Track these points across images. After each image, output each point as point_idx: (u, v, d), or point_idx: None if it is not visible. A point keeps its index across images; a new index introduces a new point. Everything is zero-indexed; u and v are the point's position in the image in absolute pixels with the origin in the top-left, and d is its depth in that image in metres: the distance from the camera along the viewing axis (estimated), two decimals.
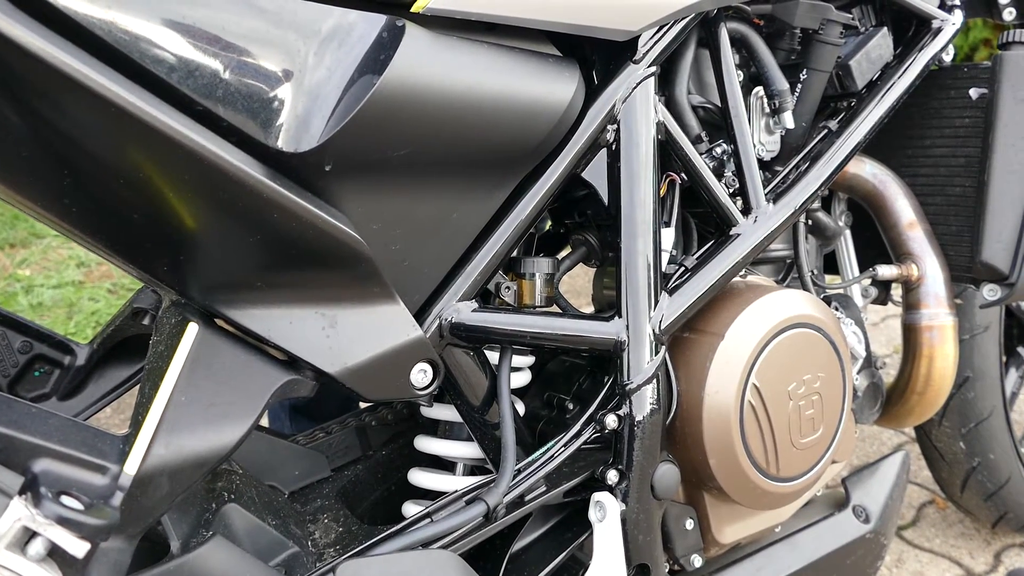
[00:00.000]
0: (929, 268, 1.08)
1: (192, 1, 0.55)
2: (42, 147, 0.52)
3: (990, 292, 1.06)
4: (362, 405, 1.17)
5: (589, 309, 1.07)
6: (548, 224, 1.03)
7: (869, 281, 1.13)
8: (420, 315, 0.74)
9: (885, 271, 1.09)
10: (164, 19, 0.54)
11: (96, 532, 0.45)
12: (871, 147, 1.13)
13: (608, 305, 1.02)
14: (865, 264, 1.14)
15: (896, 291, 1.17)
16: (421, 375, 0.72)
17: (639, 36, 0.78)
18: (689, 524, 0.87)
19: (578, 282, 2.78)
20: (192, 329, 0.58)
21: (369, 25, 0.62)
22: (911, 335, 1.09)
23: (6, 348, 0.84)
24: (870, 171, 1.11)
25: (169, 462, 0.54)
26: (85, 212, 0.56)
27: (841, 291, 1.11)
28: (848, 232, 1.18)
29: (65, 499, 0.46)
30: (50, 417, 0.51)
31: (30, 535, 0.44)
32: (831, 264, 1.21)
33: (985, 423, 1.35)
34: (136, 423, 0.55)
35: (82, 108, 0.50)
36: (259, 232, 0.59)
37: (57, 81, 0.49)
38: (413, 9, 0.64)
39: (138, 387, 0.77)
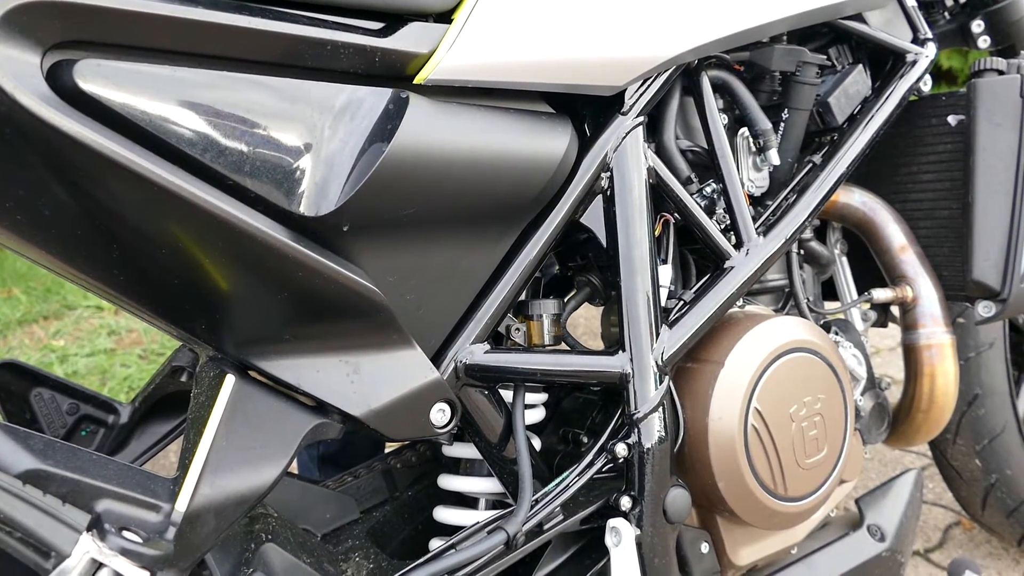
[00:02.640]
0: (923, 289, 1.12)
1: (220, 88, 0.62)
2: (94, 226, 0.59)
3: (985, 309, 1.09)
4: (387, 449, 1.22)
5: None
6: (556, 268, 1.08)
7: (868, 305, 1.17)
8: (436, 358, 0.79)
9: (880, 294, 1.13)
10: (196, 106, 0.61)
11: (154, 562, 0.51)
12: (861, 176, 1.19)
13: (616, 341, 1.07)
14: (864, 289, 1.18)
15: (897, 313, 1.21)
16: (440, 414, 0.77)
17: (625, 90, 0.85)
18: (704, 548, 0.91)
19: (594, 324, 2.82)
20: (229, 381, 0.64)
21: (377, 98, 0.69)
22: (911, 355, 1.13)
23: (55, 410, 0.90)
24: (859, 200, 1.16)
25: (214, 500, 0.60)
26: (132, 281, 0.63)
27: (841, 316, 1.16)
28: (844, 259, 1.23)
29: (126, 534, 0.52)
30: (109, 463, 0.57)
31: (97, 566, 0.50)
32: (833, 290, 1.25)
33: (999, 439, 1.37)
34: (184, 466, 0.61)
35: (129, 190, 0.57)
36: (286, 290, 0.66)
37: (107, 167, 0.56)
38: (416, 81, 0.71)
39: (181, 437, 0.83)
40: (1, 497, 0.48)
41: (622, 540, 0.80)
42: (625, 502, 0.82)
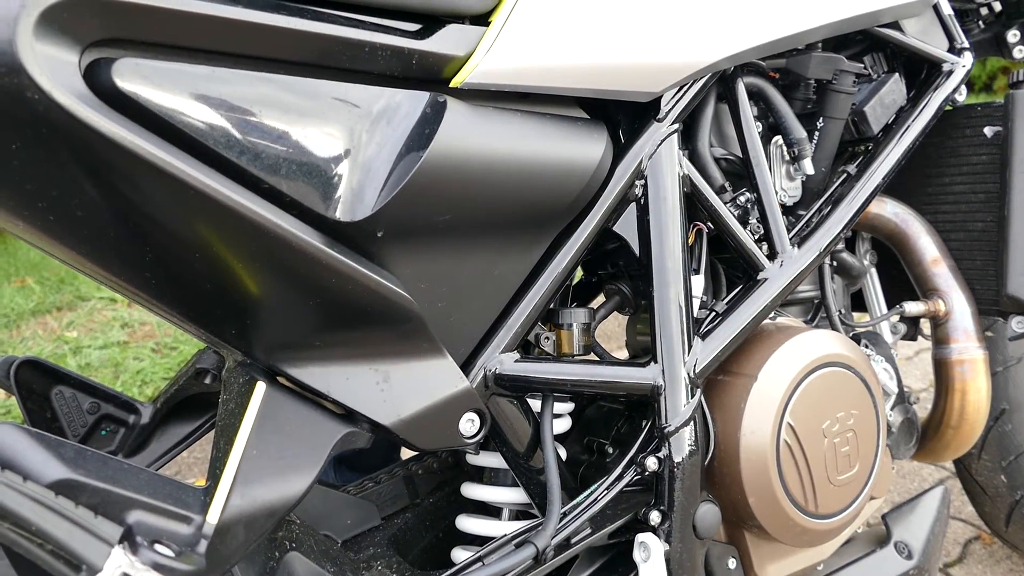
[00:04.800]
0: (956, 303, 1.10)
1: (257, 89, 0.61)
2: (128, 227, 0.58)
3: (1019, 324, 1.08)
4: (404, 455, 1.21)
5: (621, 353, 1.10)
6: (579, 275, 1.07)
7: (898, 318, 1.15)
8: (466, 367, 0.78)
9: (912, 307, 1.11)
10: (233, 107, 0.59)
11: None
12: (892, 187, 1.17)
13: (642, 350, 1.06)
14: (893, 301, 1.16)
15: (926, 326, 1.19)
16: (469, 424, 0.75)
17: (661, 96, 0.83)
18: (732, 563, 0.89)
19: (607, 326, 2.80)
20: (260, 388, 0.63)
21: (414, 102, 0.68)
22: (942, 370, 1.11)
23: (76, 409, 0.89)
24: (892, 210, 1.14)
25: (245, 512, 0.58)
26: (164, 284, 0.61)
27: (870, 329, 1.14)
28: (874, 270, 1.21)
29: (158, 547, 0.51)
30: (140, 472, 0.56)
31: None
32: (861, 302, 1.23)
33: None
34: (214, 476, 0.59)
35: (164, 192, 0.56)
36: (318, 295, 0.64)
37: (142, 168, 0.55)
38: (452, 84, 0.70)
39: (202, 439, 0.82)
40: (32, 508, 0.47)
41: (651, 556, 0.78)
42: (655, 517, 0.81)
